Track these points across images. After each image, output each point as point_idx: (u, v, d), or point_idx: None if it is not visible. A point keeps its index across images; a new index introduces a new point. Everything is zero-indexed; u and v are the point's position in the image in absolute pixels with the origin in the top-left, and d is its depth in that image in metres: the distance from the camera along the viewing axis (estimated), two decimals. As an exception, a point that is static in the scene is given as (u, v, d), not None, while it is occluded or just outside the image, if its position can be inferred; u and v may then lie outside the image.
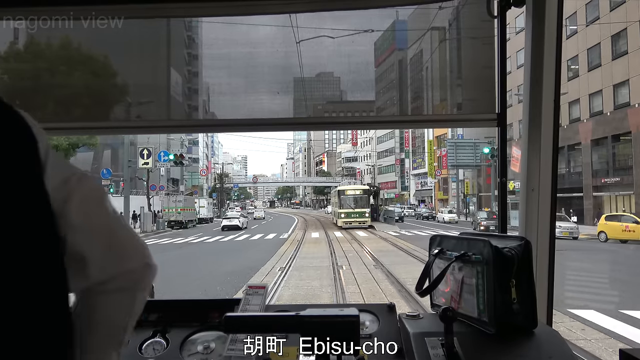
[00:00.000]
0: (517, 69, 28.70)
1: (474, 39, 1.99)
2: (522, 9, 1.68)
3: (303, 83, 1.94)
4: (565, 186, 34.89)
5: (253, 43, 1.92)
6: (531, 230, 1.69)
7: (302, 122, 2.07)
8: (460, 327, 1.24)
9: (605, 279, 13.12)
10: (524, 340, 1.23)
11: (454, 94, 2.07)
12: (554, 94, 1.63)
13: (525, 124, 1.70)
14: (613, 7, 31.73)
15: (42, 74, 1.92)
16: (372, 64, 1.97)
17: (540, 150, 1.66)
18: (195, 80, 2.01)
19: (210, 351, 1.41)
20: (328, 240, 24.95)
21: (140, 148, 32.51)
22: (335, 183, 71.10)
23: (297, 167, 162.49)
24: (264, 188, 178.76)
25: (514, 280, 1.23)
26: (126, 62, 1.92)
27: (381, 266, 14.41)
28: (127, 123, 1.99)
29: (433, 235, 1.48)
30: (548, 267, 1.67)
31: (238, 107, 1.99)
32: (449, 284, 1.35)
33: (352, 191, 38.09)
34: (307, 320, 0.99)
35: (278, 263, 15.52)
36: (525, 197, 1.72)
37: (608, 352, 6.27)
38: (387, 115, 2.12)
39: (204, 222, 45.97)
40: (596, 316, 8.13)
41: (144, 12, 1.79)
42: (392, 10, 1.87)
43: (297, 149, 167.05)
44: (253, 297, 1.49)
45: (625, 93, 31.07)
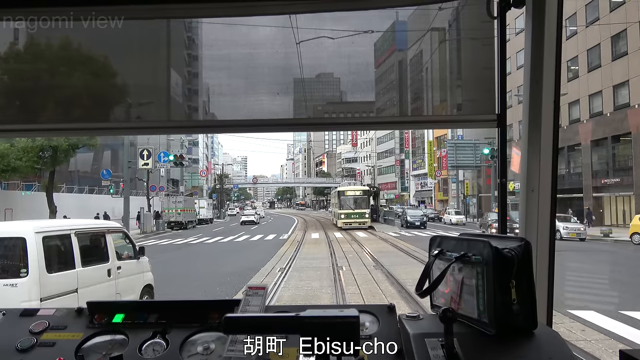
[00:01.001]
0: (517, 70, 28.75)
1: (474, 39, 1.99)
2: (522, 10, 1.68)
3: (303, 84, 1.94)
4: (565, 187, 34.90)
5: (253, 44, 1.91)
6: (531, 230, 1.69)
7: (302, 122, 2.07)
8: (460, 328, 1.24)
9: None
10: (524, 341, 1.23)
11: (454, 95, 2.07)
12: (553, 95, 1.64)
13: (525, 124, 1.70)
14: (613, 7, 31.75)
15: (42, 74, 1.92)
16: (372, 64, 1.97)
17: (540, 151, 1.66)
18: (195, 81, 2.01)
19: (210, 352, 1.41)
20: (328, 241, 24.94)
21: (140, 149, 32.47)
22: (335, 184, 71.09)
23: (297, 168, 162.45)
24: (264, 189, 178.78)
25: (514, 281, 1.23)
26: (126, 63, 1.92)
27: (381, 267, 14.41)
28: (127, 124, 1.99)
29: (433, 236, 1.48)
30: (548, 268, 1.67)
31: (238, 108, 1.99)
32: (449, 285, 1.35)
33: (351, 192, 38.09)
34: (307, 320, 0.99)
35: (278, 264, 15.52)
36: (525, 197, 1.72)
37: (608, 352, 6.27)
38: (387, 116, 2.12)
39: (204, 223, 45.97)
40: (596, 317, 8.13)
41: (144, 12, 1.79)
42: (392, 11, 1.87)
43: (297, 149, 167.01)
44: (253, 298, 1.49)
45: (625, 94, 31.08)
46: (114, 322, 1.53)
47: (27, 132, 2.74)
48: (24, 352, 1.41)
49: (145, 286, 8.25)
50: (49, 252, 5.95)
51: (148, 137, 36.07)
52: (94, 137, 24.07)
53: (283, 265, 15.10)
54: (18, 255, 5.71)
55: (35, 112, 1.92)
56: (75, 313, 1.58)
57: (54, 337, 1.47)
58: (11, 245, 5.75)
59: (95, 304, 1.58)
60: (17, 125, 1.98)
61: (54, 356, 1.39)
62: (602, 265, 16.73)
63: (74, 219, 8.07)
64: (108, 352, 1.43)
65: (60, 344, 1.44)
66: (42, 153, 23.26)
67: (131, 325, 1.52)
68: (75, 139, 23.09)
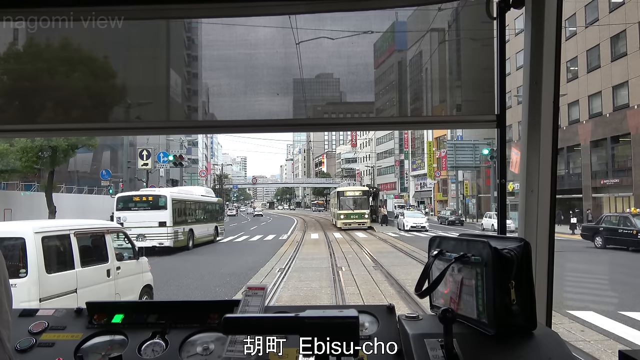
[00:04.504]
0: (516, 70, 28.77)
1: (474, 40, 1.99)
2: (522, 11, 1.68)
3: (302, 84, 1.94)
4: (565, 187, 34.92)
5: (253, 44, 1.91)
6: (530, 231, 1.69)
7: (301, 123, 2.07)
8: (459, 328, 1.24)
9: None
10: (523, 341, 1.23)
11: (454, 95, 2.07)
12: (553, 96, 1.64)
13: (525, 125, 1.70)
14: (612, 8, 31.78)
15: (41, 74, 1.92)
16: (371, 65, 1.97)
17: (539, 151, 1.66)
18: (195, 81, 2.01)
19: (210, 352, 1.41)
20: (327, 241, 24.93)
21: (140, 149, 32.48)
22: (335, 184, 71.07)
23: (297, 168, 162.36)
24: (264, 189, 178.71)
25: (513, 281, 1.23)
26: (126, 63, 1.92)
27: (380, 267, 14.41)
28: (126, 124, 1.99)
29: (432, 237, 1.48)
30: (547, 268, 1.67)
31: (237, 108, 1.98)
32: (448, 285, 1.35)
33: (351, 192, 38.08)
34: (306, 321, 0.99)
35: (277, 264, 15.52)
36: (524, 198, 1.72)
37: (607, 353, 6.27)
38: (387, 116, 2.12)
39: (204, 223, 45.83)
40: (596, 317, 8.13)
41: (144, 12, 1.79)
42: (391, 12, 1.87)
43: (296, 150, 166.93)
44: (252, 298, 1.49)
45: (624, 94, 31.10)
46: (113, 322, 1.53)
47: (27, 132, 2.74)
48: (23, 352, 1.41)
49: (145, 286, 8.25)
50: (48, 253, 5.95)
51: (147, 138, 36.06)
52: (94, 137, 24.08)
53: (282, 265, 15.10)
54: (17, 255, 5.70)
55: (34, 112, 1.92)
56: (74, 313, 1.58)
57: (53, 337, 1.47)
58: (10, 246, 5.75)
59: (95, 304, 1.58)
60: (17, 125, 1.97)
61: (53, 356, 1.39)
62: (601, 266, 16.73)
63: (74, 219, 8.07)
64: (107, 352, 1.43)
65: (60, 345, 1.44)
66: (42, 153, 23.24)
67: (130, 325, 1.52)
68: (75, 139, 23.08)
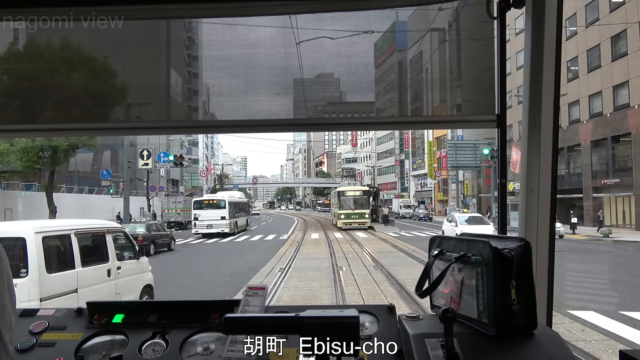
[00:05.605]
0: (516, 70, 28.75)
1: (474, 40, 1.99)
2: (522, 10, 1.68)
3: (303, 84, 1.94)
4: (565, 187, 34.90)
5: (253, 44, 1.91)
6: (531, 231, 1.69)
7: (301, 123, 2.07)
8: (460, 328, 1.24)
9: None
10: (523, 341, 1.23)
11: (454, 95, 2.07)
12: (553, 95, 1.64)
13: (525, 125, 1.70)
14: (613, 8, 31.76)
15: (42, 74, 1.92)
16: (372, 65, 1.97)
17: (540, 151, 1.66)
18: (195, 81, 2.01)
19: (210, 352, 1.41)
20: (328, 241, 24.94)
21: (140, 149, 32.44)
22: (335, 184, 71.06)
23: (297, 168, 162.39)
24: (264, 189, 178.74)
25: (513, 281, 1.23)
26: (126, 63, 1.92)
27: (381, 267, 14.41)
28: (126, 124, 1.99)
29: (433, 236, 1.48)
30: (548, 268, 1.67)
31: (238, 108, 1.98)
32: (448, 285, 1.35)
33: (351, 192, 38.05)
34: (307, 321, 0.99)
35: (278, 264, 15.52)
36: (525, 198, 1.72)
37: (608, 353, 6.27)
38: (387, 116, 2.12)
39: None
40: (596, 317, 8.13)
41: (144, 12, 1.79)
42: (392, 12, 1.87)
43: (296, 150, 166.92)
44: (253, 298, 1.49)
45: (625, 94, 31.09)
46: (113, 322, 1.53)
47: (27, 132, 2.74)
48: (23, 352, 1.41)
49: (145, 286, 8.26)
50: (49, 252, 5.95)
51: (148, 137, 36.09)
52: (94, 137, 24.08)
53: (283, 265, 15.10)
54: (18, 255, 5.70)
55: (35, 112, 1.92)
56: (75, 313, 1.58)
57: (53, 337, 1.47)
58: (11, 246, 5.75)
59: (95, 304, 1.58)
60: (17, 125, 1.97)
61: (54, 356, 1.39)
62: (602, 266, 16.73)
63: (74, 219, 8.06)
64: (108, 352, 1.43)
65: (60, 344, 1.44)
66: (42, 153, 23.26)
67: (131, 325, 1.52)
68: (75, 139, 23.10)
